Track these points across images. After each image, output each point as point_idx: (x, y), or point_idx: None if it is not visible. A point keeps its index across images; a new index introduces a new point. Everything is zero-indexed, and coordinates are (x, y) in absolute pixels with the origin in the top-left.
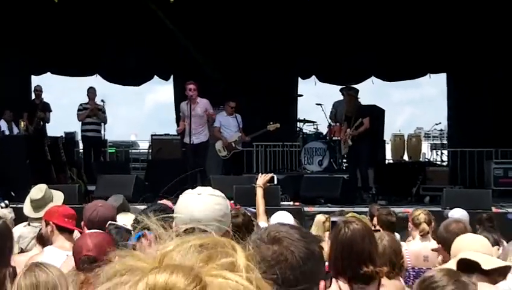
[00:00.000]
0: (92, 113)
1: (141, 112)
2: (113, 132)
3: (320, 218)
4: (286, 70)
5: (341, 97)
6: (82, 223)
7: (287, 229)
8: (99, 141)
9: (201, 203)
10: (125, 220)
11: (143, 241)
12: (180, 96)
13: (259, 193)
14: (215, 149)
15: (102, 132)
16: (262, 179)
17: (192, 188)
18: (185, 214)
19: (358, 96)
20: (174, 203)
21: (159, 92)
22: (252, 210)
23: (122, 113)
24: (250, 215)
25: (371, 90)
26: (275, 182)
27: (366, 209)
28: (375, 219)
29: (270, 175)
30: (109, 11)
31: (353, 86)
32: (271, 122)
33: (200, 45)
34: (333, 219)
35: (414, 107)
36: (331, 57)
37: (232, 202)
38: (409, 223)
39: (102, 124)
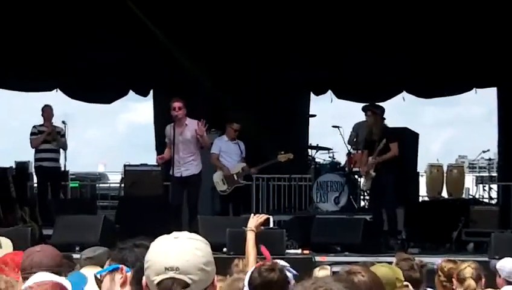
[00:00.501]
0: (50, 137)
1: (112, 136)
2: (76, 161)
3: (318, 273)
4: (295, 84)
5: (363, 118)
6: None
7: (338, 288)
8: (58, 173)
9: (178, 247)
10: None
11: (115, 276)
12: (162, 116)
13: (251, 237)
14: (210, 182)
15: (62, 162)
16: (254, 220)
17: (174, 230)
18: (159, 262)
19: (384, 117)
20: None
21: (135, 112)
22: (294, 272)
23: (88, 138)
24: (288, 276)
25: (401, 109)
26: (271, 225)
27: (393, 259)
28: None
29: (265, 216)
30: (74, 9)
31: (378, 103)
32: (282, 152)
33: (190, 51)
34: (335, 269)
35: (455, 131)
36: (352, 68)
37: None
38: (438, 277)
39: (62, 151)
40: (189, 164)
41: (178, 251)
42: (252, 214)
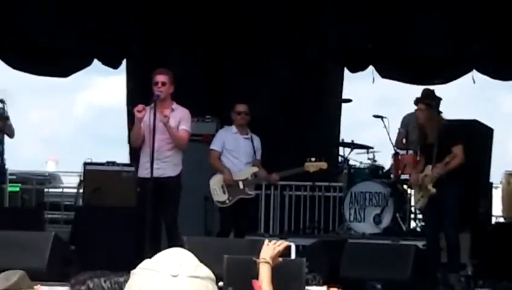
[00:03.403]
0: None
1: (67, 122)
2: (16, 156)
3: None
4: (323, 56)
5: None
6: None
7: None
8: None
9: None
10: None
11: None
12: (138, 96)
13: (265, 272)
14: (204, 189)
15: None
16: (270, 249)
17: (152, 255)
18: None
19: (440, 110)
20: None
21: (101, 89)
22: None
23: (34, 124)
24: None
25: (470, 95)
26: (293, 256)
27: None
28: None
29: (284, 244)
30: None
31: (435, 86)
32: (311, 159)
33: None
34: None
35: None
36: (404, 35)
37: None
38: None
39: (6, 137)
40: (165, 162)
41: None
42: (267, 241)
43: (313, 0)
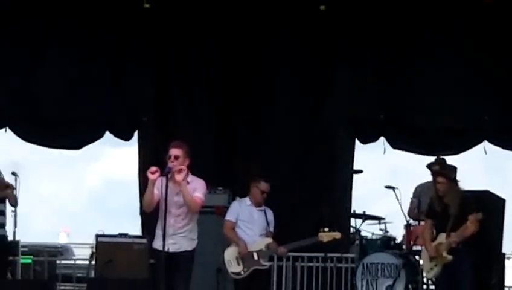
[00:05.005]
0: None
1: (80, 193)
2: (28, 228)
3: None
4: (333, 127)
5: (428, 177)
6: None
7: None
8: (4, 244)
9: None
10: None
11: None
12: (150, 167)
13: None
14: (216, 259)
15: (11, 228)
16: None
17: None
18: None
19: (458, 179)
20: None
21: (112, 161)
22: None
23: (46, 196)
24: None
25: (482, 166)
26: None
27: None
28: None
29: None
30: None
31: (445, 156)
32: (325, 229)
33: (191, 75)
34: None
35: None
36: (416, 105)
37: None
38: None
39: (12, 212)
40: (180, 237)
41: None
42: None
43: (324, 72)
